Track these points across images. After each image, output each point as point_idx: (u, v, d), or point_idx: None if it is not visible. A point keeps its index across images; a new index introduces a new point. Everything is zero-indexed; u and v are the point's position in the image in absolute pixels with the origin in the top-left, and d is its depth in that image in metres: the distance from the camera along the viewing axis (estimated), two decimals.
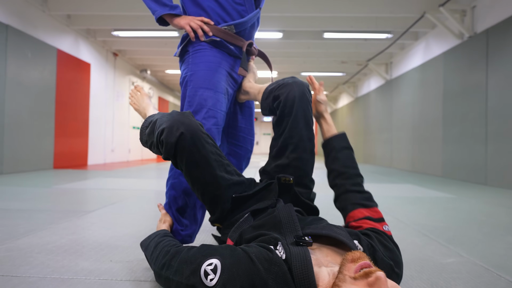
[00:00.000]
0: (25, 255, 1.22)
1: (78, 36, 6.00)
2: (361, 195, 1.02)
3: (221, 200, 1.02)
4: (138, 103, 1.31)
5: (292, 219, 0.83)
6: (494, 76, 4.03)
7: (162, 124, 0.97)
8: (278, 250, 0.73)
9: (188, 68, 1.26)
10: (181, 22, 1.26)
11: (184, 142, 0.94)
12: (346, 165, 1.08)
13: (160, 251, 0.87)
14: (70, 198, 2.59)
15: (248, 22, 1.30)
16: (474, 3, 4.41)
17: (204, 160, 0.97)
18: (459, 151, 4.72)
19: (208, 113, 1.20)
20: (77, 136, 6.03)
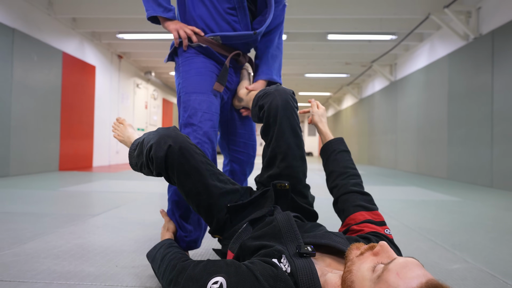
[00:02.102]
0: (31, 260, 1.24)
1: (83, 39, 6.05)
2: (362, 197, 1.01)
3: (216, 209, 1.01)
4: (122, 134, 1.33)
5: (292, 227, 0.83)
6: (499, 77, 4.00)
7: (149, 141, 1.00)
8: (282, 263, 0.73)
9: (180, 76, 1.30)
10: (170, 26, 1.28)
11: (173, 154, 0.96)
12: (346, 166, 1.08)
13: (167, 265, 0.87)
14: (76, 201, 2.61)
15: (236, 38, 1.28)
16: (479, 4, 4.38)
17: (195, 169, 0.98)
18: (465, 153, 4.68)
19: (203, 116, 1.22)
20: (83, 138, 6.07)
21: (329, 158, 1.13)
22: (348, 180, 1.05)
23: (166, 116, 11.11)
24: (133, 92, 8.37)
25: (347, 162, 1.10)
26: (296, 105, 1.15)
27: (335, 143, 1.14)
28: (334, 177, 1.08)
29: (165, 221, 1.25)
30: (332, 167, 1.10)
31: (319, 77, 9.27)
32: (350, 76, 9.13)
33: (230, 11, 1.27)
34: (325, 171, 1.13)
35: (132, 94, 8.28)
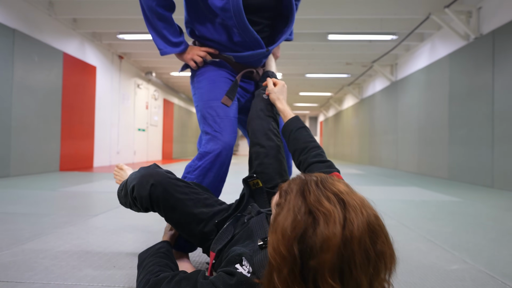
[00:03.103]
0: (29, 261, 1.24)
1: (84, 40, 6.06)
2: (323, 164, 1.05)
3: (207, 233, 1.05)
4: (123, 178, 1.40)
5: (263, 225, 0.87)
6: (500, 77, 3.99)
7: (131, 182, 1.05)
8: (244, 265, 0.75)
9: (195, 87, 1.36)
10: (186, 58, 1.35)
11: (156, 191, 1.01)
12: (305, 141, 1.13)
13: (144, 276, 0.87)
14: (75, 201, 2.62)
15: (250, 57, 1.32)
16: (480, 4, 4.37)
17: (180, 202, 1.03)
18: (465, 153, 4.67)
19: (222, 122, 1.26)
20: (83, 139, 6.08)
21: (289, 139, 1.17)
22: (309, 154, 1.09)
23: (167, 116, 11.12)
24: (134, 93, 8.38)
25: (305, 137, 1.14)
26: (271, 112, 1.30)
27: (291, 123, 1.19)
28: (297, 154, 1.13)
29: None
30: (294, 146, 1.15)
31: (320, 77, 9.26)
32: (350, 76, 9.12)
33: (236, 39, 1.29)
34: (289, 151, 1.18)
35: (133, 95, 8.29)
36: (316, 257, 0.54)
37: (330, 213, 0.56)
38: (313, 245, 0.55)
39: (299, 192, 0.62)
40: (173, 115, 11.82)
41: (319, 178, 0.65)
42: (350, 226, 0.55)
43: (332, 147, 14.81)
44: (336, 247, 0.54)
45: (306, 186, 0.63)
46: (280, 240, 0.57)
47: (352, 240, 0.54)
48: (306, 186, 0.63)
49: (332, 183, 0.64)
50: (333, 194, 0.60)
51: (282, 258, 0.57)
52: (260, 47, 1.30)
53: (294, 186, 0.64)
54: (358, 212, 0.57)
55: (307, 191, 0.62)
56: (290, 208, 0.60)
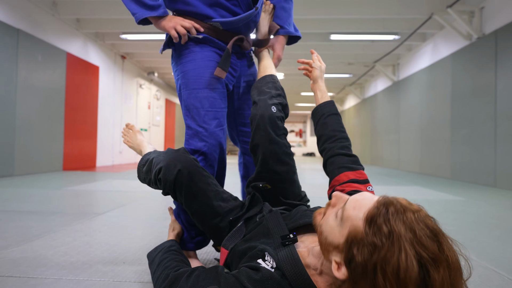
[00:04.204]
0: (39, 257, 1.25)
1: (87, 40, 6.09)
2: (348, 158, 1.02)
3: (220, 228, 1.06)
4: (131, 140, 1.37)
5: (278, 222, 0.86)
6: (503, 77, 3.99)
7: (159, 163, 1.04)
8: (267, 261, 0.75)
9: (178, 70, 1.22)
10: (166, 26, 1.17)
11: (182, 178, 1.01)
12: (334, 129, 1.08)
13: (161, 272, 0.88)
14: (81, 200, 2.63)
15: (238, 21, 1.20)
16: (482, 4, 4.37)
17: (201, 192, 1.03)
18: (468, 153, 4.67)
19: (207, 115, 1.15)
20: (86, 138, 6.11)
21: (318, 122, 1.13)
22: (336, 144, 1.05)
23: (169, 116, 11.14)
24: (136, 93, 8.40)
25: (336, 125, 1.09)
26: (282, 125, 1.17)
27: (324, 106, 1.14)
28: (323, 140, 1.09)
29: (172, 220, 1.25)
30: (321, 130, 1.11)
31: None
32: (352, 76, 9.12)
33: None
34: (316, 134, 1.13)
35: (135, 95, 8.31)
36: None
37: (439, 257, 0.56)
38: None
39: (404, 225, 0.58)
40: (175, 115, 11.85)
41: (410, 207, 0.61)
42: (453, 273, 0.56)
43: None
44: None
45: (404, 216, 0.59)
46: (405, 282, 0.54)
47: (456, 284, 0.56)
48: (404, 215, 0.59)
49: (422, 213, 0.61)
50: (430, 231, 0.58)
51: None
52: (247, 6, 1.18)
53: (393, 214, 0.60)
54: (453, 257, 0.57)
55: (407, 223, 0.58)
56: (405, 250, 0.56)
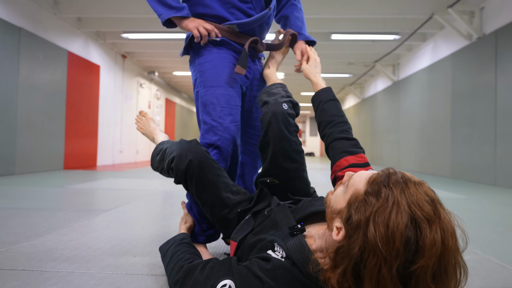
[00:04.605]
0: (50, 251, 1.26)
1: (88, 39, 6.09)
2: (348, 142, 1.03)
3: (229, 220, 1.09)
4: (144, 127, 1.41)
5: (286, 214, 0.89)
6: (503, 77, 4.02)
7: (172, 153, 1.08)
8: (276, 251, 0.76)
9: (196, 70, 1.29)
10: (189, 25, 1.23)
11: (193, 168, 1.05)
12: (333, 114, 1.10)
13: (175, 264, 0.89)
14: (85, 197, 2.64)
15: (253, 22, 1.26)
16: (482, 4, 4.41)
17: (211, 183, 1.07)
18: (468, 152, 4.70)
19: (222, 111, 1.20)
20: (87, 137, 6.11)
21: (317, 109, 1.14)
22: (335, 128, 1.06)
23: (169, 116, 11.15)
24: (137, 92, 8.41)
25: (334, 110, 1.11)
26: (293, 122, 1.18)
27: (322, 93, 1.16)
28: (323, 126, 1.10)
29: (184, 213, 1.27)
30: (321, 117, 1.12)
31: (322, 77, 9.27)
32: (352, 76, 9.15)
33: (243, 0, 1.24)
34: (316, 121, 1.15)
35: (135, 94, 8.31)
36: (422, 258, 0.55)
37: (433, 218, 0.57)
38: (423, 245, 0.56)
39: (402, 189, 0.60)
40: (175, 115, 11.85)
41: (413, 178, 0.64)
42: (446, 235, 0.57)
43: None
44: (438, 253, 0.55)
45: (405, 184, 0.61)
46: (394, 233, 0.56)
47: (450, 250, 0.57)
48: (406, 184, 0.61)
49: (424, 185, 0.63)
50: (429, 198, 0.60)
51: (394, 252, 0.55)
52: (260, 6, 1.25)
53: (394, 181, 0.62)
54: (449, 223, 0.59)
55: (407, 189, 0.60)
56: (399, 205, 0.58)
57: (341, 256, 0.62)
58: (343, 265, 0.61)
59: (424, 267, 0.55)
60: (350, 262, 0.60)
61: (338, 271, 0.62)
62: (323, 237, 0.75)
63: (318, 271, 0.68)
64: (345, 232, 0.64)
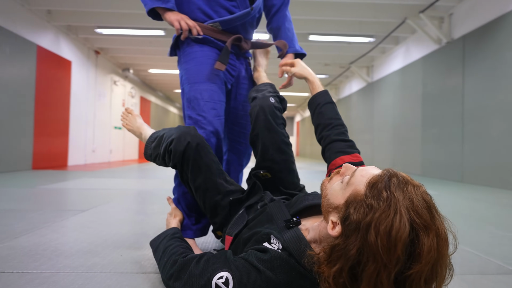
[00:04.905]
0: (30, 253, 1.20)
1: (59, 33, 5.82)
2: (345, 143, 1.05)
3: (220, 207, 1.10)
4: (131, 123, 1.40)
5: (281, 208, 0.91)
6: (470, 80, 4.27)
7: (171, 136, 1.11)
8: (273, 243, 0.77)
9: (182, 68, 1.31)
10: (172, 17, 1.24)
11: (190, 150, 1.07)
12: (330, 117, 1.12)
13: (168, 258, 0.88)
14: (60, 198, 2.53)
15: (235, 20, 1.28)
16: (451, 11, 4.65)
17: (207, 167, 1.09)
18: (437, 151, 4.95)
19: (206, 105, 1.22)
20: (57, 136, 5.84)
21: (315, 112, 1.16)
22: (332, 131, 1.09)
23: (144, 114, 10.87)
24: (110, 89, 8.14)
25: (331, 113, 1.13)
26: (280, 115, 1.23)
27: (319, 96, 1.17)
28: (320, 129, 1.12)
29: (172, 208, 1.26)
30: (318, 120, 1.14)
31: None
32: (329, 77, 9.35)
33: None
34: (313, 124, 1.17)
35: (109, 92, 8.04)
36: (419, 264, 0.57)
37: (430, 225, 0.60)
38: (420, 252, 0.57)
39: (402, 194, 0.61)
40: (150, 114, 11.58)
41: (412, 181, 0.65)
42: (440, 242, 0.60)
43: (308, 146, 15.07)
44: (433, 259, 0.58)
45: (406, 188, 0.62)
46: (396, 242, 0.57)
47: (443, 256, 0.60)
48: (406, 188, 0.63)
49: (421, 188, 0.65)
50: (426, 204, 0.62)
51: (394, 259, 0.57)
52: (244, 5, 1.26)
53: (394, 185, 0.63)
54: (443, 229, 0.62)
55: (406, 194, 0.62)
56: (401, 213, 0.59)
57: (337, 255, 0.64)
58: (339, 264, 0.63)
59: (419, 272, 0.57)
60: (347, 263, 0.62)
61: (334, 268, 0.63)
62: (317, 228, 0.77)
63: (313, 263, 0.69)
64: (341, 230, 0.66)
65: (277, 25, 1.43)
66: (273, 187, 1.18)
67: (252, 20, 1.35)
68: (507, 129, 3.65)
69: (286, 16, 1.45)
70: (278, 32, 1.44)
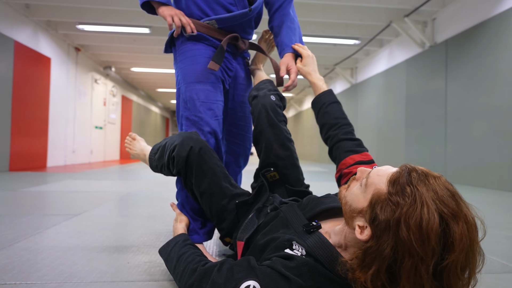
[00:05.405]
0: (29, 262, 1.13)
1: (38, 28, 5.57)
2: (352, 142, 1.05)
3: (227, 211, 1.08)
4: (135, 148, 1.43)
5: (296, 213, 0.89)
6: (452, 83, 4.42)
7: (173, 143, 1.09)
8: (295, 249, 0.75)
9: (177, 67, 1.28)
10: (165, 12, 1.20)
11: (193, 155, 1.05)
12: (336, 117, 1.11)
13: (185, 267, 0.84)
14: (47, 201, 2.42)
15: (232, 19, 1.25)
16: (434, 16, 4.80)
17: (211, 171, 1.07)
18: (421, 151, 5.10)
19: (202, 106, 1.19)
20: (36, 136, 5.59)
21: (319, 111, 1.15)
22: (339, 130, 1.08)
23: (125, 114, 10.61)
24: (91, 88, 7.88)
25: (337, 113, 1.12)
26: (282, 112, 1.23)
27: (324, 96, 1.16)
28: (326, 129, 1.11)
29: (176, 213, 1.22)
30: (323, 119, 1.13)
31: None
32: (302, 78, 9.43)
33: None
34: (318, 123, 1.16)
35: (90, 90, 7.79)
36: (453, 253, 0.57)
37: (458, 213, 0.60)
38: (453, 241, 0.58)
39: (425, 187, 0.62)
40: (132, 113, 11.31)
41: (431, 173, 0.66)
42: (470, 228, 0.60)
43: None
44: (466, 246, 0.58)
45: (428, 181, 0.63)
46: (429, 233, 0.58)
47: (474, 242, 0.60)
48: (428, 180, 0.63)
49: (442, 178, 0.65)
50: (450, 193, 0.62)
51: (430, 251, 0.57)
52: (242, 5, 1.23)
53: (416, 178, 0.63)
54: (470, 215, 0.62)
55: (429, 186, 0.62)
56: (428, 204, 0.59)
57: (372, 257, 0.63)
58: (375, 266, 0.62)
59: (454, 261, 0.58)
60: (383, 263, 0.61)
61: (370, 271, 0.62)
62: (340, 234, 0.75)
63: (346, 270, 0.68)
64: (371, 232, 0.65)
65: (278, 24, 1.36)
66: (279, 184, 1.17)
67: (250, 21, 1.31)
68: (489, 130, 3.81)
69: (289, 14, 1.38)
70: (279, 31, 1.36)
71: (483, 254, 0.62)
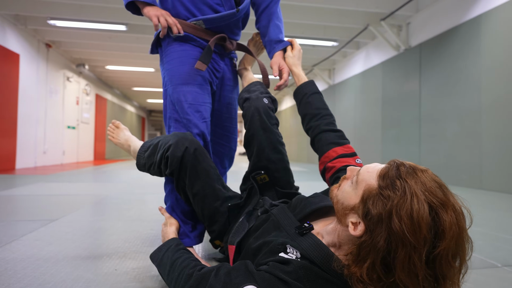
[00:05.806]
0: (8, 272, 1.07)
1: (5, 23, 5.27)
2: (334, 134, 1.06)
3: (219, 213, 1.08)
4: (118, 137, 1.36)
5: (287, 215, 0.89)
6: (426, 85, 4.61)
7: (168, 142, 1.07)
8: (290, 253, 0.75)
9: (164, 68, 1.26)
10: (150, 12, 1.19)
11: (188, 156, 1.05)
12: (318, 107, 1.11)
13: (180, 272, 0.82)
14: (19, 206, 2.29)
15: (219, 19, 1.24)
16: (409, 20, 4.98)
17: (205, 172, 1.07)
18: (396, 151, 5.28)
19: (190, 108, 1.18)
20: (3, 136, 5.28)
21: (301, 101, 1.15)
22: (321, 121, 1.09)
23: (99, 113, 10.25)
24: (63, 86, 7.55)
25: (319, 103, 1.13)
26: (274, 115, 1.24)
27: (306, 86, 1.16)
28: (308, 119, 1.12)
29: (166, 217, 1.19)
30: (305, 110, 1.13)
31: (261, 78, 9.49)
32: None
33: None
34: (299, 114, 1.17)
35: (61, 88, 7.46)
36: (444, 240, 0.59)
37: (446, 202, 0.62)
38: (443, 229, 0.60)
39: (414, 179, 0.64)
40: (106, 112, 10.95)
41: (418, 166, 0.68)
42: (458, 217, 0.63)
43: None
44: (456, 234, 0.61)
45: (415, 174, 0.65)
46: (420, 222, 0.59)
47: (463, 230, 0.63)
48: (415, 173, 0.65)
49: (429, 172, 0.67)
50: (438, 184, 0.65)
51: (422, 240, 0.59)
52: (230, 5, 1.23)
53: (404, 172, 0.65)
54: (457, 205, 0.64)
55: (418, 178, 0.64)
56: (417, 195, 0.62)
57: (366, 251, 0.64)
58: (370, 259, 0.63)
59: (446, 249, 0.60)
60: (378, 255, 0.62)
61: (366, 264, 0.64)
62: (333, 233, 0.76)
63: (342, 267, 0.69)
64: (364, 227, 0.66)
65: (265, 23, 1.36)
66: (269, 187, 1.17)
67: (237, 22, 1.31)
68: (460, 131, 4.00)
69: (276, 13, 1.38)
70: (266, 31, 1.36)
71: (471, 242, 0.65)
